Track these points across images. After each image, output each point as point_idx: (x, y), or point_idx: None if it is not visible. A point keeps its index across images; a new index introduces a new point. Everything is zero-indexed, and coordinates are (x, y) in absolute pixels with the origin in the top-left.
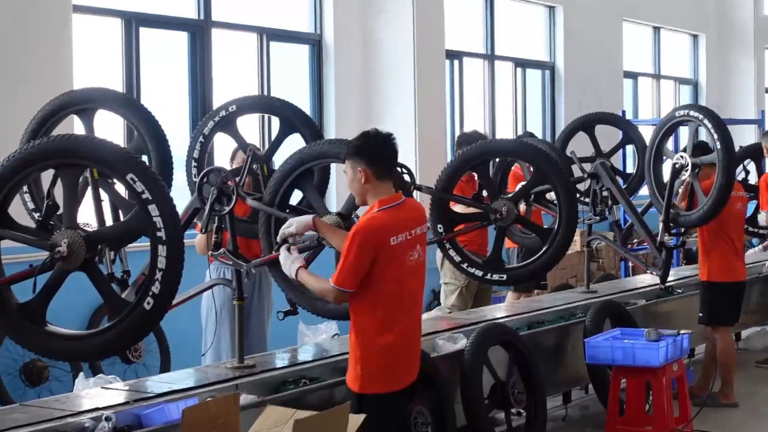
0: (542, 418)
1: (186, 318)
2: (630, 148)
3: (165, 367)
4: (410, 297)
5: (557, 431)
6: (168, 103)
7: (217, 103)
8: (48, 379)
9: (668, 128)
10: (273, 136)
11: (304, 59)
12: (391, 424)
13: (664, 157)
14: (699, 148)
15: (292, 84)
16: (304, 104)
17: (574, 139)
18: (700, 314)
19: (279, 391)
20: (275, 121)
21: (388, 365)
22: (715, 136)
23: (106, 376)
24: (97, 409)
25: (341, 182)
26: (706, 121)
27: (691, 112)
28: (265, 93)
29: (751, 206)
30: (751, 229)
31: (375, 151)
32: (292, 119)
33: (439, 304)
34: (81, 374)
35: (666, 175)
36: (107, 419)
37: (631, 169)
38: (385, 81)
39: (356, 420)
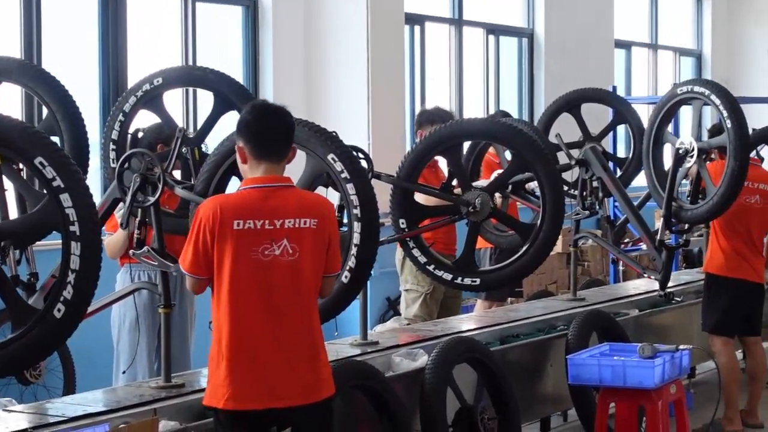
0: None
1: (92, 331)
2: (621, 131)
3: (69, 389)
4: (275, 298)
5: None
6: (74, 77)
7: (132, 76)
8: None
9: (670, 108)
10: (199, 113)
11: (237, 23)
12: None
13: (665, 142)
14: (711, 131)
15: (221, 53)
16: (237, 76)
17: (559, 119)
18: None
19: (205, 416)
20: (202, 95)
21: (229, 377)
22: (725, 114)
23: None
24: None
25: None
26: (713, 98)
27: (695, 88)
28: (191, 63)
29: None
30: None
31: (249, 127)
32: (228, 94)
33: (395, 314)
34: None
35: (668, 162)
36: None
37: (622, 154)
38: (332, 49)
39: None
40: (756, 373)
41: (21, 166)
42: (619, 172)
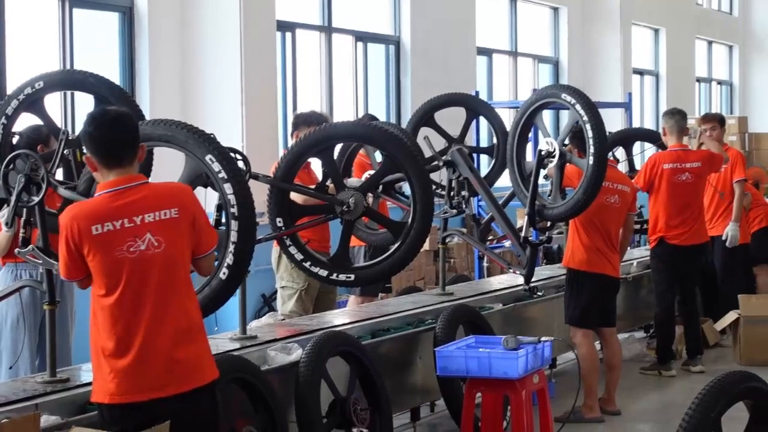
0: None
1: None
2: (483, 130)
3: None
4: (148, 291)
5: None
6: None
7: (11, 79)
8: None
9: (538, 107)
10: (78, 116)
11: (113, 29)
12: None
13: (533, 130)
14: (577, 140)
15: (99, 57)
16: (114, 80)
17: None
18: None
19: (86, 410)
20: (81, 98)
21: (112, 372)
22: (591, 150)
23: None
24: None
25: (167, 167)
26: (588, 127)
27: (578, 107)
28: (69, 67)
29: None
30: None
31: (94, 140)
32: (108, 97)
33: (270, 310)
34: None
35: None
36: None
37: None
38: (207, 54)
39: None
40: (612, 363)
41: None
42: (488, 162)
